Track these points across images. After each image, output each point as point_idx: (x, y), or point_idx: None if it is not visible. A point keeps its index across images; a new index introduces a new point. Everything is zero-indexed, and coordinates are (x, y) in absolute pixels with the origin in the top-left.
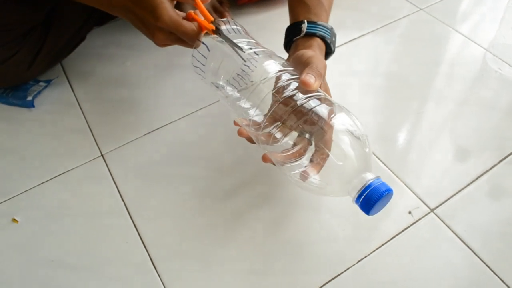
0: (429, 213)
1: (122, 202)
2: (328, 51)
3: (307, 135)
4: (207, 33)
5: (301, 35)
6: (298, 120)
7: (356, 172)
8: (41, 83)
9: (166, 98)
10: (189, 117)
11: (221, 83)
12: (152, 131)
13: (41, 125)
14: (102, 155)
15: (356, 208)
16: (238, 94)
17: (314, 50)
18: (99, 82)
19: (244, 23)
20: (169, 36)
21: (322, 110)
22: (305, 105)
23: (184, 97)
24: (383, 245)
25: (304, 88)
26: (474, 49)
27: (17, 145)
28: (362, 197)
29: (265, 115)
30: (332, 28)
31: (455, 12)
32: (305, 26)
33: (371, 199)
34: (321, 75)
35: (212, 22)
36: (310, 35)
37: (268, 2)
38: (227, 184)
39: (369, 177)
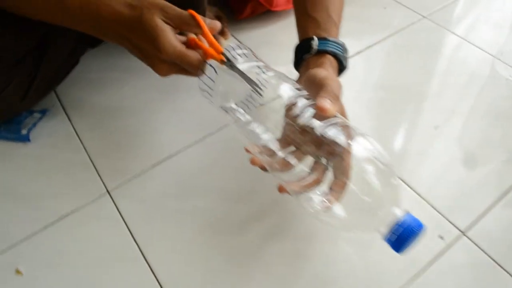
0: (461, 236)
1: (135, 243)
2: (341, 68)
3: (323, 161)
4: None
5: (312, 52)
6: (314, 144)
7: (384, 207)
8: (35, 114)
9: (172, 124)
10: (198, 145)
11: (230, 106)
12: (159, 163)
13: (39, 161)
14: (108, 191)
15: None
16: (248, 118)
17: (326, 69)
18: (97, 109)
19: (244, 38)
20: (173, 67)
21: (339, 133)
22: (320, 129)
23: (191, 122)
24: (418, 275)
25: (320, 113)
26: (482, 56)
27: (14, 184)
28: (394, 236)
29: (278, 140)
30: (343, 43)
31: (458, 18)
32: (315, 43)
33: (404, 238)
34: (337, 98)
35: (222, 53)
36: (321, 52)
37: (267, 17)
38: (240, 215)
39: (399, 213)
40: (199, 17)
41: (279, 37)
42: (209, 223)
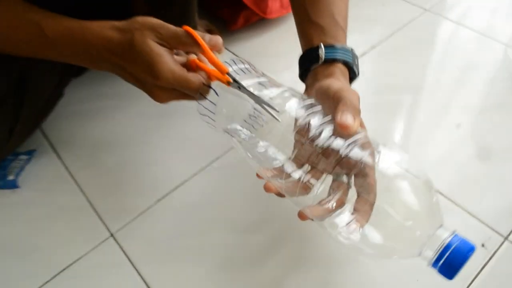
0: (503, 242)
1: (147, 287)
2: (352, 76)
3: (344, 178)
4: None
5: (320, 62)
6: (332, 162)
7: (427, 228)
8: (21, 157)
9: (173, 153)
10: (203, 173)
11: (234, 128)
12: (164, 196)
13: (32, 208)
14: (112, 234)
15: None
16: (255, 139)
17: (338, 79)
18: (89, 144)
19: (238, 50)
20: (173, 94)
21: (363, 150)
22: (344, 150)
23: (194, 149)
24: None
25: (342, 130)
26: (493, 46)
27: (5, 238)
28: (441, 261)
29: (290, 161)
30: (352, 49)
31: (461, 7)
32: (322, 51)
33: (454, 263)
34: (358, 112)
35: (227, 73)
36: (330, 61)
37: (262, 25)
38: (254, 247)
39: (445, 234)
40: (196, 34)
41: (276, 45)
42: (223, 258)
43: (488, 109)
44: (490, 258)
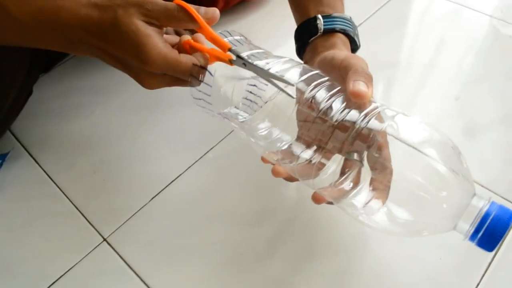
0: None
1: None
2: (354, 47)
3: (355, 156)
4: None
5: (319, 34)
6: (342, 139)
7: (463, 198)
8: None
9: (162, 146)
10: (198, 164)
11: (232, 111)
12: (157, 194)
13: (10, 217)
14: (105, 239)
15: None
16: (256, 121)
17: (340, 49)
18: (67, 144)
19: None
20: (164, 79)
21: (379, 121)
22: (362, 123)
23: (185, 140)
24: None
25: (356, 100)
26: (479, 18)
27: None
28: (481, 232)
29: (296, 141)
30: (351, 18)
31: None
32: (321, 22)
33: (495, 233)
34: (371, 78)
35: (230, 50)
36: (329, 31)
37: (240, 9)
38: (260, 240)
39: (481, 202)
40: (191, 8)
41: (260, 27)
42: (227, 254)
43: (476, 81)
44: None
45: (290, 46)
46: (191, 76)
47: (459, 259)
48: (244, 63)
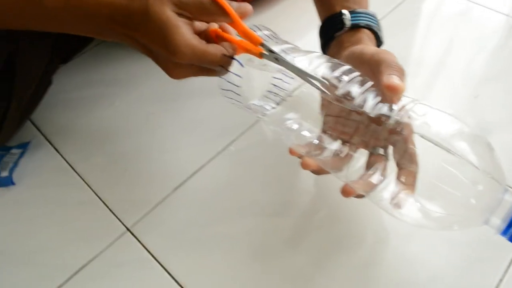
0: None
1: (174, 281)
2: (378, 44)
3: (380, 151)
4: None
5: (345, 29)
6: (369, 133)
7: (496, 192)
8: (13, 151)
9: (184, 137)
10: (220, 157)
11: (260, 103)
12: (180, 185)
13: (32, 206)
14: (128, 229)
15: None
16: (285, 113)
17: (367, 44)
18: (88, 134)
19: None
20: (191, 70)
21: (408, 114)
22: (398, 117)
23: (207, 132)
24: None
25: (390, 94)
26: (496, 17)
27: (6, 243)
28: None
29: (322, 135)
30: (375, 14)
31: None
32: (347, 17)
33: None
34: (404, 72)
35: (261, 44)
36: (355, 27)
37: (261, 3)
38: (285, 231)
39: None
40: (224, 2)
41: (282, 21)
42: (253, 245)
43: (489, 80)
44: None
45: (310, 39)
46: (219, 66)
47: (484, 253)
48: (276, 57)
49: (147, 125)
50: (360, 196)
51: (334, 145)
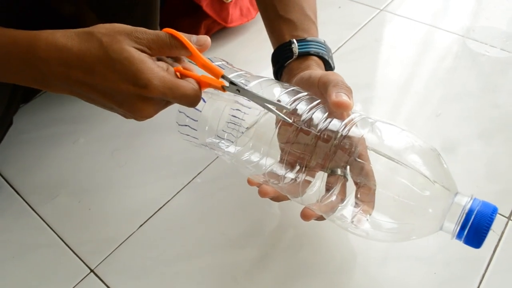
0: (507, 222)
1: None
2: (328, 69)
3: (339, 171)
4: None
5: (294, 57)
6: (325, 156)
7: (446, 198)
8: None
9: (149, 172)
10: (186, 190)
11: (215, 140)
12: (145, 222)
13: None
14: (92, 270)
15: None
16: (239, 148)
17: (315, 70)
18: (50, 174)
19: None
20: (159, 105)
21: (355, 128)
22: (344, 132)
23: (172, 166)
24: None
25: (339, 110)
26: (452, 39)
27: None
28: (466, 229)
29: (280, 163)
30: (325, 42)
31: (416, 5)
32: (295, 46)
33: (480, 228)
34: (351, 91)
35: (223, 76)
36: (304, 55)
37: (221, 36)
38: (248, 262)
39: (464, 199)
40: (181, 36)
41: (240, 54)
42: (217, 279)
43: (453, 99)
44: (498, 242)
45: (270, 71)
46: (193, 99)
47: (456, 272)
48: (238, 89)
49: (112, 161)
50: (321, 218)
51: (291, 173)
